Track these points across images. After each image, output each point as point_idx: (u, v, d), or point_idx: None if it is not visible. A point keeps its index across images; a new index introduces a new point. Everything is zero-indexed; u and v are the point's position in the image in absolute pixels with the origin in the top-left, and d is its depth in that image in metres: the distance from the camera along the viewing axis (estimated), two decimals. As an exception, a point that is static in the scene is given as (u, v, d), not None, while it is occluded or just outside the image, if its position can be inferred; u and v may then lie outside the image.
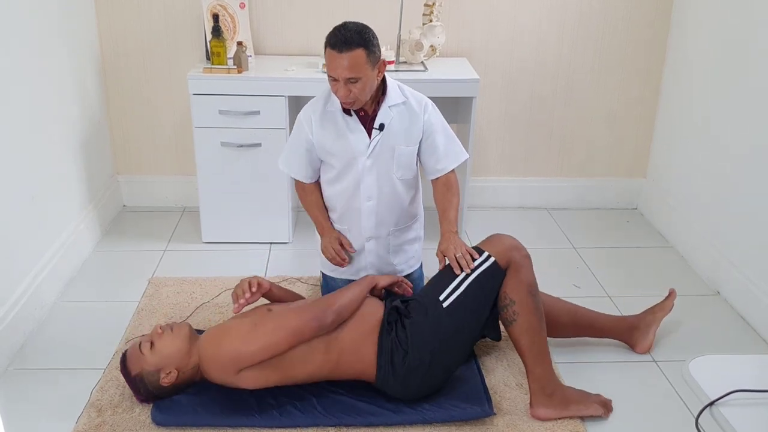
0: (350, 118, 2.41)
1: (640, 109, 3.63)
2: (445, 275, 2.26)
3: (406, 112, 2.43)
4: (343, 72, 2.21)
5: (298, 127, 2.49)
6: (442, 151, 2.48)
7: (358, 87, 2.25)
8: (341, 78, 2.23)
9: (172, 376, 2.15)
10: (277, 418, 2.14)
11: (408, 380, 2.17)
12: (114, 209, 3.57)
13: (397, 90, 2.44)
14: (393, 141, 2.43)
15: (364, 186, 2.46)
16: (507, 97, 3.58)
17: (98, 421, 2.15)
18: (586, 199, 3.78)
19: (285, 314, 2.16)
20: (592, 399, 2.24)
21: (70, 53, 3.06)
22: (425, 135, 2.46)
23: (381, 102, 2.40)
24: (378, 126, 2.40)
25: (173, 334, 2.18)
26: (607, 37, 3.48)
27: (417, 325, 2.18)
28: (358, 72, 2.22)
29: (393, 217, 2.55)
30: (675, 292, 2.59)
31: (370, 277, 2.36)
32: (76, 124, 3.12)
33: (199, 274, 3.02)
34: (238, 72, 3.04)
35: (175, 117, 3.53)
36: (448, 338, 2.18)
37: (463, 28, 3.43)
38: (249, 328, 2.12)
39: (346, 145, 2.42)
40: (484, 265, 2.22)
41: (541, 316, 2.21)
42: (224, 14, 3.22)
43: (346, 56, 2.20)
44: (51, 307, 2.77)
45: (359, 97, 2.28)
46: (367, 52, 2.22)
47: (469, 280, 2.21)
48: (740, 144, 2.88)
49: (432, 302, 2.20)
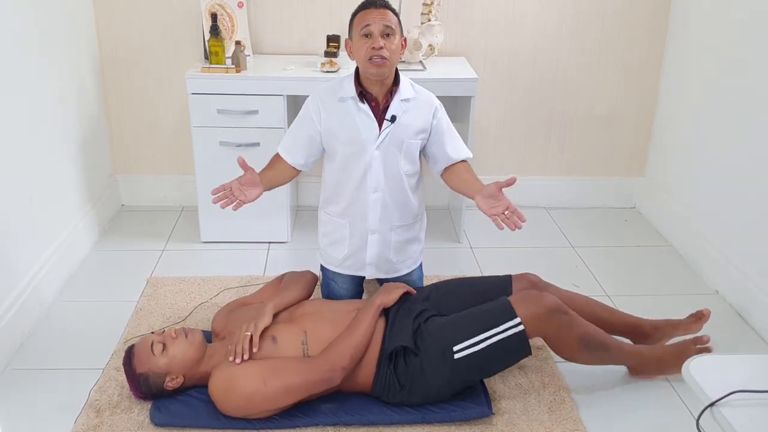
0: (363, 106, 2.40)
1: (638, 108, 3.63)
2: (470, 321, 2.16)
3: (416, 108, 2.44)
4: (382, 20, 2.29)
5: (304, 114, 2.47)
6: (450, 147, 2.50)
7: (392, 43, 2.30)
8: (378, 29, 2.28)
9: (177, 382, 2.15)
10: (276, 419, 2.13)
11: (399, 404, 2.21)
12: (112, 209, 3.56)
13: (408, 85, 2.46)
14: (402, 134, 2.43)
15: (371, 177, 2.45)
16: (505, 96, 3.58)
17: (96, 421, 2.15)
18: (585, 198, 3.78)
19: (295, 374, 2.08)
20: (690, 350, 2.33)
21: (69, 52, 3.06)
22: (434, 131, 2.47)
23: (394, 94, 2.41)
24: (390, 117, 2.40)
25: (187, 341, 2.17)
26: (605, 36, 3.48)
27: (421, 369, 2.15)
28: (394, 25, 2.31)
29: (397, 212, 2.54)
30: (708, 314, 2.47)
31: (378, 302, 2.27)
32: (75, 124, 3.11)
33: (198, 273, 3.02)
34: (236, 71, 3.04)
35: (173, 116, 3.52)
36: (449, 388, 2.18)
37: (461, 27, 3.43)
38: (257, 386, 2.05)
39: (355, 133, 2.41)
40: (510, 331, 2.10)
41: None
42: (222, 13, 3.21)
43: (384, 11, 2.30)
44: (49, 306, 2.76)
45: (392, 55, 2.32)
46: (398, 18, 2.33)
47: (490, 341, 2.10)
48: (738, 143, 2.88)
49: (444, 348, 2.13)
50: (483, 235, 3.41)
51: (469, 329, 2.14)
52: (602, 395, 2.33)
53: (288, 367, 2.10)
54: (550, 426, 2.18)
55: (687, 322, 2.49)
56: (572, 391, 2.33)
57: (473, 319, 2.16)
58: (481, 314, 2.17)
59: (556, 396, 2.30)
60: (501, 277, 2.45)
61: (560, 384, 2.35)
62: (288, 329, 2.22)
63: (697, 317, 2.49)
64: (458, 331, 2.15)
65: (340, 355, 2.12)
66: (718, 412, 1.29)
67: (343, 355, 2.12)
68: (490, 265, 3.15)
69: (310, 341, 2.18)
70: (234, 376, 2.08)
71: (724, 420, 1.27)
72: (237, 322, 2.28)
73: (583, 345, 2.19)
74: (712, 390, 1.33)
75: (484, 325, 2.13)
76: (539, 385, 2.35)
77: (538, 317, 2.12)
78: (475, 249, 3.30)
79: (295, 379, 2.08)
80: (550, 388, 2.34)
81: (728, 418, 1.27)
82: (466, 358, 2.11)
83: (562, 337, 2.18)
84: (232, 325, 2.30)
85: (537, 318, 2.12)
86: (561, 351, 2.23)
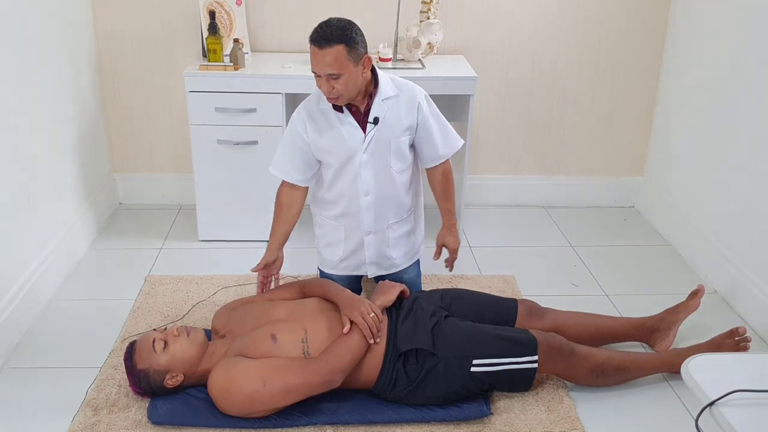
0: (342, 115, 2.40)
1: (637, 107, 3.63)
2: (495, 341, 2.21)
3: (399, 105, 2.42)
4: (324, 68, 2.22)
5: (291, 128, 2.47)
6: (439, 140, 2.50)
7: (340, 83, 2.25)
8: (322, 74, 2.24)
9: (177, 380, 2.16)
10: (274, 418, 2.13)
11: (400, 400, 2.21)
12: (110, 207, 3.56)
13: (389, 83, 2.43)
14: (389, 134, 2.42)
15: (361, 181, 2.45)
16: (504, 94, 3.57)
17: (94, 420, 2.14)
18: (584, 198, 3.78)
19: (295, 376, 2.08)
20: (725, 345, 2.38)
21: (67, 50, 3.05)
22: (420, 126, 2.46)
23: (374, 96, 2.39)
24: (372, 120, 2.39)
25: (189, 339, 2.17)
26: (605, 35, 3.48)
27: (436, 370, 2.16)
28: (338, 68, 2.21)
29: (391, 210, 2.54)
30: (703, 289, 2.54)
31: (378, 303, 2.28)
32: (73, 122, 3.10)
33: (196, 272, 3.01)
34: (234, 69, 3.03)
35: (171, 114, 3.51)
36: (456, 392, 2.19)
37: (460, 25, 3.42)
38: (257, 386, 2.05)
39: (341, 142, 2.41)
40: (526, 365, 2.20)
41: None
42: (221, 11, 3.20)
43: (326, 52, 2.20)
44: (47, 305, 2.75)
45: (342, 93, 2.28)
46: (348, 48, 2.21)
47: (506, 366, 2.19)
48: (738, 142, 2.87)
49: (464, 357, 2.18)
50: (482, 235, 3.40)
51: (492, 348, 2.19)
52: (600, 394, 2.32)
53: (288, 368, 2.09)
54: (548, 425, 2.17)
55: (686, 303, 2.53)
56: (570, 390, 2.33)
57: (499, 341, 2.21)
58: (508, 339, 2.22)
59: (554, 395, 2.30)
60: (507, 299, 2.50)
61: (558, 383, 2.35)
62: (288, 328, 2.21)
63: (692, 295, 2.54)
64: (481, 346, 2.20)
65: (340, 357, 2.11)
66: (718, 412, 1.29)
67: (343, 358, 2.11)
68: (489, 264, 3.15)
69: (310, 339, 2.17)
70: (234, 376, 2.08)
71: (724, 419, 1.27)
72: (240, 321, 2.29)
73: (596, 375, 2.27)
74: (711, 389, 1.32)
75: (508, 351, 2.19)
76: (537, 384, 2.34)
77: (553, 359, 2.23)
78: (474, 248, 3.30)
79: (295, 381, 2.07)
80: (548, 387, 2.33)
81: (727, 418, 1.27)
82: (480, 374, 2.18)
83: (572, 373, 2.28)
84: (234, 323, 2.31)
85: (553, 360, 2.22)
86: (577, 383, 2.32)
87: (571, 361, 2.24)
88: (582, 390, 2.32)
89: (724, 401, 1.30)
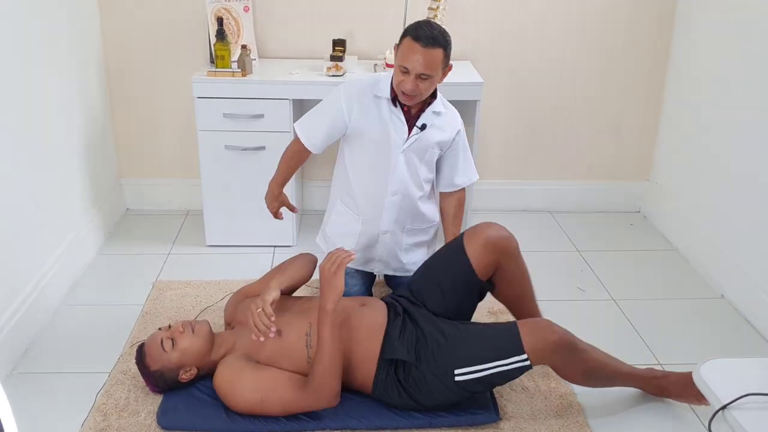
0: (395, 109, 2.43)
1: (643, 112, 3.63)
2: (476, 347, 2.10)
3: (443, 123, 2.50)
4: (419, 66, 2.25)
5: (334, 101, 2.47)
6: (460, 168, 2.60)
7: (426, 84, 2.29)
8: (415, 72, 2.26)
9: (191, 374, 2.21)
10: (282, 422, 2.14)
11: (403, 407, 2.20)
12: (117, 213, 3.57)
13: (441, 99, 2.51)
14: (427, 143, 2.48)
15: (393, 179, 2.49)
16: (511, 100, 3.58)
17: (103, 425, 2.15)
18: (590, 203, 3.78)
19: (293, 399, 2.10)
20: None
21: (74, 57, 3.06)
22: (451, 148, 2.55)
23: (428, 105, 2.46)
24: (420, 125, 2.44)
25: (194, 334, 2.21)
26: (610, 41, 3.48)
27: (424, 381, 2.13)
28: (432, 70, 2.26)
29: (411, 216, 2.60)
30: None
31: (323, 312, 2.11)
32: (80, 128, 3.12)
33: (203, 277, 3.01)
34: (242, 75, 3.04)
35: (179, 120, 3.53)
36: (452, 398, 2.17)
37: (467, 31, 3.43)
38: (254, 402, 2.10)
39: (385, 134, 2.45)
40: (517, 364, 2.06)
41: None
42: (228, 18, 3.22)
43: (428, 52, 2.24)
44: (55, 310, 2.76)
45: (422, 93, 2.32)
46: (444, 53, 2.27)
47: (494, 370, 2.07)
48: (743, 146, 2.87)
49: (446, 370, 2.10)
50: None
51: (474, 356, 2.09)
52: (610, 399, 2.32)
53: (287, 389, 2.11)
54: (557, 430, 2.17)
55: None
56: (579, 395, 2.33)
57: (479, 346, 2.11)
58: (489, 342, 2.11)
59: (563, 400, 2.30)
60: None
61: (567, 388, 2.35)
62: (292, 320, 2.23)
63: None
64: (462, 357, 2.10)
65: (326, 385, 2.08)
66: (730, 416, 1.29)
67: (329, 384, 2.08)
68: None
69: (314, 333, 2.19)
70: (234, 386, 2.12)
71: (736, 423, 1.27)
72: (244, 312, 2.30)
73: (587, 378, 2.21)
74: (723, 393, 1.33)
75: (490, 355, 2.07)
76: (546, 390, 2.34)
77: (542, 352, 2.06)
78: (480, 253, 3.29)
79: (292, 405, 2.11)
80: (557, 393, 2.33)
81: (740, 421, 1.27)
82: (466, 382, 2.09)
83: (566, 370, 2.17)
84: (240, 315, 2.33)
85: (541, 353, 2.06)
86: (566, 378, 2.23)
87: (569, 360, 2.13)
88: (591, 395, 2.32)
89: (737, 405, 1.30)
